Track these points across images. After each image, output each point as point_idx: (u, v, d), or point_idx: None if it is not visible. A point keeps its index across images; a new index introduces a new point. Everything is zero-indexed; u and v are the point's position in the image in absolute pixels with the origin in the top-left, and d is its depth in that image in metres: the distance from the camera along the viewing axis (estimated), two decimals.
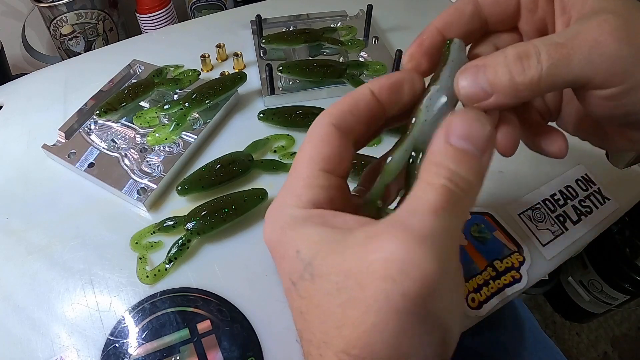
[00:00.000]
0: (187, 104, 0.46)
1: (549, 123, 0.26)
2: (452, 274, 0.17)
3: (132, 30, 0.83)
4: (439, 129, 0.18)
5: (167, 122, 0.47)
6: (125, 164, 0.44)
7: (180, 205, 0.42)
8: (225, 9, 0.82)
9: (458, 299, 0.18)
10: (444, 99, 0.20)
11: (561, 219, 0.41)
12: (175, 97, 0.50)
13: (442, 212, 0.16)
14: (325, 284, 0.17)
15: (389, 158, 0.21)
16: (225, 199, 0.39)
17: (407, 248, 0.15)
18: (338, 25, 0.61)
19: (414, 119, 0.20)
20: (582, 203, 0.42)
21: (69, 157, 0.44)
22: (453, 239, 0.17)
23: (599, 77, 0.18)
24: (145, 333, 0.33)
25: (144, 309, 0.35)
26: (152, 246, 0.38)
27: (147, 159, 0.44)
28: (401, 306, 0.15)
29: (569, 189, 0.43)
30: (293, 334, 0.33)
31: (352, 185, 0.22)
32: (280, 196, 0.20)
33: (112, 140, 0.46)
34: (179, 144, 0.45)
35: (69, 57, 0.63)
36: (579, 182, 0.44)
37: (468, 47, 0.23)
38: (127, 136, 0.47)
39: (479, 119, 0.18)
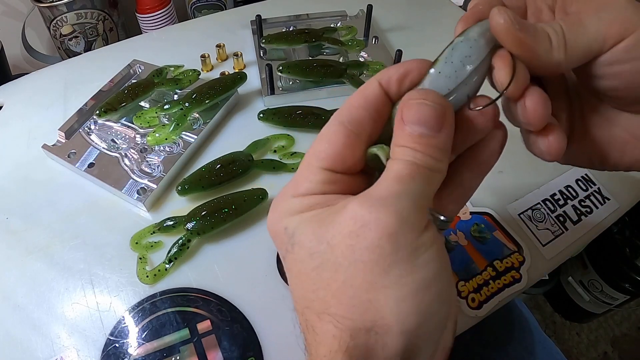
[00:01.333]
0: (187, 104, 0.46)
1: None
2: (414, 227, 0.17)
3: (132, 30, 0.83)
4: (397, 112, 0.19)
5: (167, 122, 0.47)
6: (125, 164, 0.44)
7: (180, 205, 0.42)
8: (225, 9, 0.82)
9: (431, 253, 0.18)
10: (467, 50, 0.20)
11: (561, 219, 0.41)
12: (175, 97, 0.50)
13: (404, 179, 0.18)
14: (301, 251, 0.19)
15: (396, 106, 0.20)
16: (225, 199, 0.39)
17: (369, 207, 0.17)
18: (338, 25, 0.61)
19: (432, 70, 0.20)
20: (582, 203, 0.42)
21: (69, 157, 0.44)
22: (416, 200, 0.18)
23: (611, 30, 0.19)
24: (145, 333, 0.33)
25: (144, 309, 0.35)
26: (152, 246, 0.38)
27: (147, 159, 0.44)
28: (367, 259, 0.17)
29: (569, 189, 0.43)
30: (293, 334, 0.33)
31: None
32: (287, 185, 0.21)
33: (112, 140, 0.46)
34: (179, 144, 0.45)
35: (69, 57, 0.63)
36: (579, 182, 0.44)
37: None
38: (127, 136, 0.47)
39: (426, 101, 0.19)
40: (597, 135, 0.24)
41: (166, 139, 0.45)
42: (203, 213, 0.38)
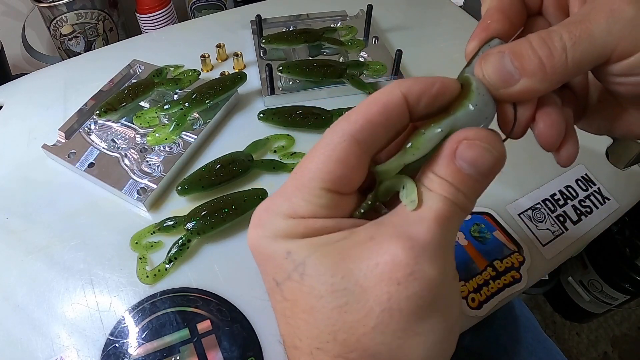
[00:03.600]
0: (187, 104, 0.46)
1: None
2: (450, 280, 0.17)
3: (132, 30, 0.83)
4: (447, 142, 0.18)
5: (167, 122, 0.47)
6: (125, 164, 0.44)
7: (180, 205, 0.42)
8: (225, 9, 0.82)
9: (455, 302, 0.18)
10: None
11: (561, 219, 0.41)
12: (175, 97, 0.50)
13: (444, 222, 0.17)
14: (317, 284, 0.16)
15: (422, 133, 0.18)
16: (225, 199, 0.39)
17: (415, 256, 0.16)
18: (338, 25, 0.61)
19: (470, 105, 0.18)
20: (582, 203, 0.42)
21: (69, 157, 0.44)
22: (451, 249, 0.17)
23: (621, 44, 0.18)
24: (145, 333, 0.33)
25: (144, 309, 0.35)
26: (152, 246, 0.38)
27: (147, 159, 0.44)
28: (404, 308, 0.16)
29: (569, 189, 0.43)
30: None
31: None
32: (274, 200, 0.19)
33: (112, 140, 0.46)
34: (179, 144, 0.45)
35: (69, 57, 0.63)
36: (579, 182, 0.44)
37: None
38: (127, 136, 0.47)
39: (489, 146, 0.17)
40: (608, 113, 0.23)
41: (166, 139, 0.45)
42: (203, 213, 0.38)
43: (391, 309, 0.16)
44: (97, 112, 0.46)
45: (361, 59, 0.55)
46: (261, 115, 0.48)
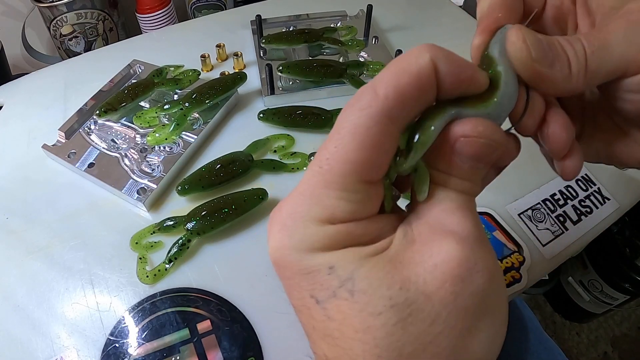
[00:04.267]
0: (187, 104, 0.46)
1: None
2: (499, 266, 0.17)
3: (132, 30, 0.83)
4: (445, 134, 0.17)
5: (167, 122, 0.47)
6: (125, 164, 0.44)
7: (180, 205, 0.42)
8: (225, 9, 0.82)
9: (505, 289, 0.18)
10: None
11: (561, 219, 0.41)
12: (175, 97, 0.50)
13: (467, 211, 0.17)
14: (372, 300, 0.15)
15: (429, 125, 0.16)
16: (225, 199, 0.39)
17: (469, 247, 0.15)
18: (338, 25, 0.61)
19: (495, 99, 0.17)
20: (582, 203, 0.42)
21: (69, 157, 0.44)
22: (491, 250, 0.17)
23: (639, 58, 0.17)
24: (145, 333, 0.33)
25: (144, 309, 0.35)
26: (152, 246, 0.38)
27: (147, 159, 0.44)
28: (470, 305, 0.15)
29: (569, 189, 0.43)
30: (293, 334, 0.33)
31: None
32: (298, 201, 0.16)
33: (112, 140, 0.46)
34: (179, 144, 0.45)
35: (69, 57, 0.63)
36: (579, 182, 0.44)
37: None
38: (127, 136, 0.47)
39: (487, 141, 0.16)
40: (607, 137, 0.22)
41: (166, 139, 0.45)
42: (203, 213, 0.38)
43: (457, 309, 0.15)
44: (97, 112, 0.46)
45: (361, 59, 0.55)
46: (261, 115, 0.48)
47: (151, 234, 0.39)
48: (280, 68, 0.49)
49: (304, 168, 0.44)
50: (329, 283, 0.15)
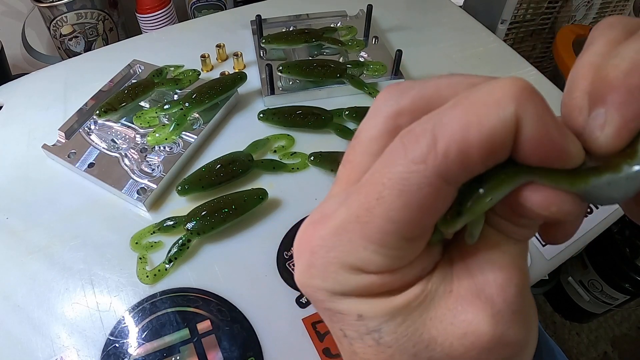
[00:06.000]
0: (187, 104, 0.46)
1: None
2: (534, 334, 0.16)
3: (132, 30, 0.83)
4: (512, 197, 0.14)
5: (167, 122, 0.47)
6: (125, 164, 0.44)
7: (180, 205, 0.42)
8: (225, 9, 0.82)
9: (534, 345, 0.17)
10: None
11: None
12: (175, 97, 0.50)
13: (521, 272, 0.15)
14: (397, 354, 0.14)
15: (488, 195, 0.13)
16: (225, 199, 0.39)
17: (505, 323, 0.14)
18: (338, 25, 0.61)
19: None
20: None
21: (69, 157, 0.44)
22: (529, 290, 0.16)
23: None
24: (145, 333, 0.33)
25: (144, 309, 0.35)
26: (152, 246, 0.38)
27: (147, 159, 0.44)
28: None
29: None
30: (293, 334, 0.33)
31: None
32: (331, 244, 0.15)
33: (112, 140, 0.46)
34: (179, 144, 0.45)
35: (69, 57, 0.63)
36: None
37: None
38: (127, 136, 0.47)
39: (566, 217, 0.14)
40: None
41: (166, 139, 0.45)
42: (203, 213, 0.38)
43: None
44: (97, 112, 0.46)
45: (361, 59, 0.55)
46: (261, 115, 0.48)
47: (151, 234, 0.39)
48: (280, 68, 0.49)
49: (304, 168, 0.44)
50: (357, 327, 0.15)
